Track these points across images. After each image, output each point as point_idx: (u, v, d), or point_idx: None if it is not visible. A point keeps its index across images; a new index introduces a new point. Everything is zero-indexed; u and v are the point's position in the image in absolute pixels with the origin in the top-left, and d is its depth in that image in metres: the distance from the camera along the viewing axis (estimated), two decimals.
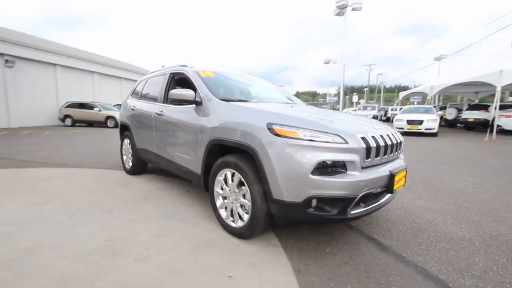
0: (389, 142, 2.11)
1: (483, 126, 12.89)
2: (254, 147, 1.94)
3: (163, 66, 3.91)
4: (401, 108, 20.09)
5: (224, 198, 2.36)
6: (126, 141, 4.28)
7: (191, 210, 2.82)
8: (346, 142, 1.81)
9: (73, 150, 6.72)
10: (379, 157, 1.99)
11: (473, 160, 5.91)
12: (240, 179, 2.11)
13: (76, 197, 3.14)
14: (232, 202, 2.24)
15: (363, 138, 1.89)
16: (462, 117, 14.26)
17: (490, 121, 10.91)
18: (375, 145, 1.93)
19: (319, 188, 1.75)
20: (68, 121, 16.06)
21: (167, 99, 3.34)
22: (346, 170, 1.81)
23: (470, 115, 13.62)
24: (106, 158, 5.63)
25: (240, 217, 2.18)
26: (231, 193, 2.24)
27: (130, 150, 4.16)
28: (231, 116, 2.25)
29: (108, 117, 15.42)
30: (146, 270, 1.77)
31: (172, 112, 3.01)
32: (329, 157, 1.77)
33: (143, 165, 4.14)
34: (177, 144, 2.89)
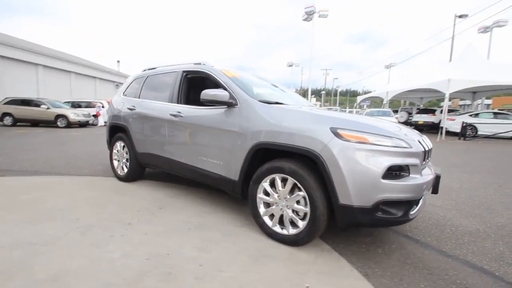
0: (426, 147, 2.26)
1: (431, 128, 14.68)
2: (317, 151, 1.90)
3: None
4: (357, 111, 21.77)
5: (268, 205, 2.27)
6: (119, 144, 3.84)
7: (218, 218, 2.65)
8: (410, 147, 1.88)
9: (36, 154, 5.80)
10: (428, 160, 2.12)
11: (440, 159, 6.66)
12: (295, 185, 2.05)
13: (78, 211, 2.72)
14: (281, 209, 2.16)
15: (419, 142, 1.99)
16: (413, 120, 16.02)
17: (438, 124, 12.46)
18: (428, 148, 2.05)
19: (388, 192, 1.80)
20: (8, 120, 13.84)
21: (181, 99, 3.09)
22: (409, 173, 1.88)
23: (420, 118, 15.37)
24: (82, 163, 4.98)
25: (293, 224, 2.12)
26: (280, 199, 2.16)
27: (126, 155, 3.75)
28: (282, 119, 2.17)
29: (59, 116, 13.70)
30: None
31: (196, 114, 2.79)
32: (398, 161, 1.83)
33: (141, 171, 3.77)
34: (203, 148, 2.69)
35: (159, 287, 1.61)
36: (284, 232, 2.16)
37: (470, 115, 13.14)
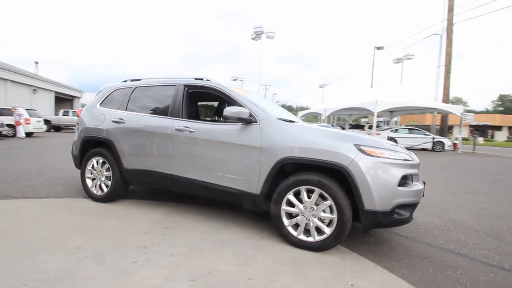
0: None
1: None
2: (346, 165, 2.18)
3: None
4: None
5: (290, 215, 2.43)
6: (96, 160, 3.44)
7: (234, 233, 2.67)
8: (412, 160, 2.33)
9: None
10: None
11: None
12: (321, 195, 2.28)
13: (70, 238, 2.36)
14: (307, 218, 2.35)
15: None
16: None
17: None
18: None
19: (402, 197, 2.19)
20: None
21: (184, 114, 3.03)
22: (412, 181, 2.33)
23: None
24: (31, 182, 4.19)
25: (319, 231, 2.33)
26: (306, 209, 2.35)
27: (106, 172, 3.39)
28: (307, 136, 2.39)
29: None
30: None
31: (210, 129, 2.78)
32: (407, 171, 2.25)
33: (124, 190, 3.45)
34: (219, 164, 2.69)
35: None
36: (310, 239, 2.34)
37: (391, 131, 15.80)
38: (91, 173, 3.51)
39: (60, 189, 4.00)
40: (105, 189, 3.39)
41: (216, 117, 4.13)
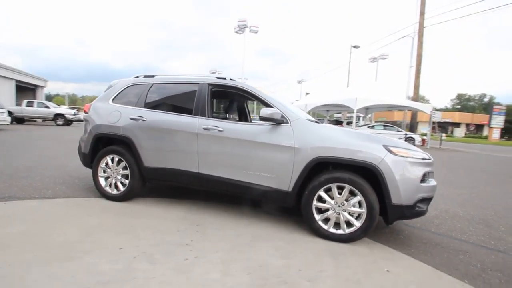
0: None
1: None
2: (376, 164, 2.40)
3: None
4: None
5: (320, 210, 2.62)
6: (111, 158, 3.36)
7: (264, 229, 2.80)
8: (430, 158, 2.62)
9: None
10: None
11: None
12: (351, 191, 2.49)
13: (106, 239, 2.34)
14: (338, 213, 2.55)
15: None
16: None
17: None
18: None
19: (423, 192, 2.47)
20: None
21: (210, 113, 3.07)
22: (429, 178, 2.61)
23: None
24: (29, 181, 3.94)
25: (349, 224, 2.54)
26: (336, 205, 2.55)
27: (122, 171, 3.32)
28: (340, 137, 2.58)
29: None
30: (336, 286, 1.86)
31: (241, 129, 2.87)
32: (427, 169, 2.52)
33: (142, 188, 3.41)
34: (250, 162, 2.78)
35: None
36: (340, 232, 2.55)
37: (368, 127, 16.71)
38: (104, 172, 3.42)
39: (64, 187, 3.83)
40: (122, 188, 3.33)
41: (227, 115, 4.18)
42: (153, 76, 3.58)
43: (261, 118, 2.67)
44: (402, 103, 16.34)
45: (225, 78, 3.24)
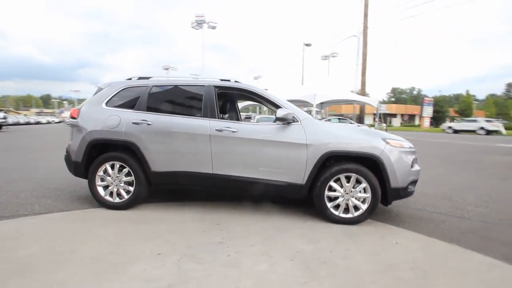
0: None
1: None
2: (378, 155, 2.80)
3: None
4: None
5: (330, 198, 2.94)
6: (110, 165, 3.20)
7: (281, 221, 3.01)
8: (414, 147, 3.13)
9: None
10: None
11: None
12: (359, 180, 2.86)
13: (138, 246, 2.32)
14: (347, 199, 2.90)
15: None
16: None
17: None
18: None
19: (412, 175, 2.96)
20: None
21: (219, 115, 3.15)
22: (415, 163, 3.12)
23: None
24: (7, 198, 3.48)
25: (356, 208, 2.91)
26: (345, 192, 2.90)
27: (126, 178, 3.20)
28: (346, 133, 2.93)
29: None
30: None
31: (253, 129, 3.03)
32: (414, 156, 3.02)
33: (147, 194, 3.33)
34: (265, 160, 2.96)
35: (331, 275, 2.01)
36: (349, 215, 2.92)
37: (325, 120, 17.98)
38: (103, 180, 3.24)
39: (50, 201, 3.50)
40: (126, 196, 3.21)
41: (222, 114, 4.25)
42: (148, 78, 3.49)
43: (277, 119, 2.88)
44: (356, 98, 17.94)
45: (229, 80, 3.34)
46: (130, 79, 3.53)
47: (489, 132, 24.08)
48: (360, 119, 22.22)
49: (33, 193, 3.83)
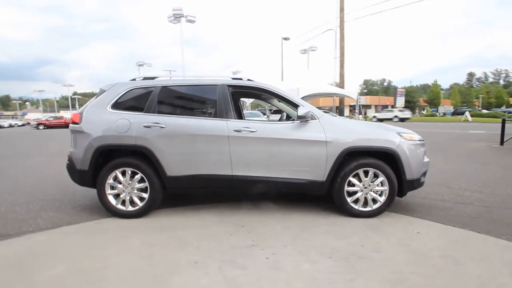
0: None
1: None
2: (395, 149, 2.91)
3: None
4: None
5: (349, 193, 3.02)
6: (121, 172, 3.03)
7: (302, 218, 3.05)
8: (423, 140, 3.28)
9: None
10: None
11: None
12: (376, 174, 2.96)
13: (172, 256, 2.25)
14: (366, 193, 2.99)
15: None
16: (269, 119, 19.98)
17: None
18: None
19: (424, 167, 3.12)
20: None
21: (235, 114, 3.09)
22: (424, 155, 3.28)
23: (275, 117, 19.50)
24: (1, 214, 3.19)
25: (374, 201, 3.01)
26: (364, 186, 2.99)
27: (139, 184, 3.05)
28: (363, 129, 3.01)
29: None
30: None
31: (273, 129, 3.02)
32: (424, 148, 3.17)
33: (162, 199, 3.20)
34: (286, 159, 2.96)
35: (371, 269, 2.07)
36: (368, 209, 3.01)
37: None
38: (113, 188, 3.07)
39: (53, 213, 3.26)
40: (140, 203, 3.07)
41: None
42: (153, 78, 3.33)
43: (299, 117, 2.89)
44: (337, 91, 18.41)
45: (241, 79, 3.27)
46: (134, 79, 3.35)
47: (402, 120, 28.89)
48: (340, 111, 22.89)
49: (28, 206, 3.54)
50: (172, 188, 3.12)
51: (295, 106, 3.10)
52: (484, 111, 38.15)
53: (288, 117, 4.05)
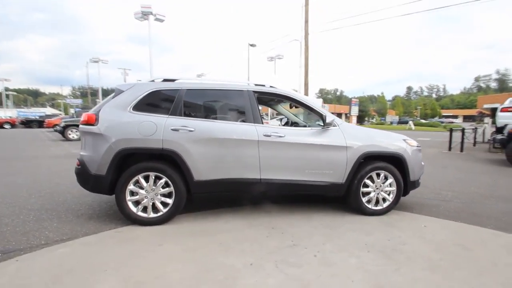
0: None
1: None
2: (402, 153, 3.31)
3: None
4: None
5: (363, 194, 3.33)
6: (144, 176, 2.90)
7: (325, 218, 3.26)
8: (420, 146, 3.76)
9: None
10: None
11: None
12: (386, 176, 3.32)
13: (222, 260, 2.25)
14: (378, 193, 3.33)
15: None
16: None
17: None
18: None
19: (422, 169, 3.59)
20: None
21: (262, 120, 3.20)
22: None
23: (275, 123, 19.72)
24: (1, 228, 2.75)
25: (384, 200, 3.37)
26: (376, 187, 3.33)
27: (163, 190, 2.95)
28: (376, 135, 3.35)
29: None
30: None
31: (299, 134, 3.19)
32: (421, 153, 3.65)
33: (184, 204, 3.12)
34: (311, 163, 3.14)
35: (408, 259, 2.36)
36: (379, 207, 3.36)
37: (276, 120, 18.88)
38: (134, 194, 2.91)
39: (57, 224, 2.96)
40: (163, 209, 2.95)
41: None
42: (173, 80, 3.26)
43: (326, 124, 3.13)
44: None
45: (264, 85, 3.39)
46: (153, 81, 3.23)
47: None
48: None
49: (20, 217, 3.13)
50: (198, 193, 3.07)
51: (317, 113, 3.32)
52: (422, 120, 43.69)
53: (292, 123, 4.29)
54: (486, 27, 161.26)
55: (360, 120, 46.31)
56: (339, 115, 61.62)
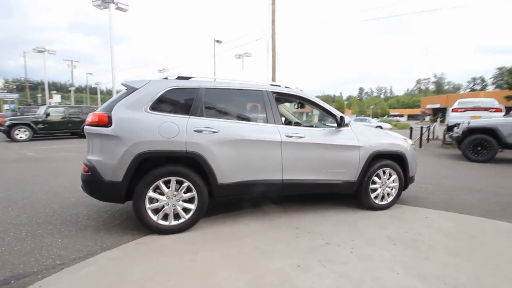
0: None
1: None
2: (404, 152, 3.61)
3: None
4: None
5: (371, 190, 3.56)
6: (164, 181, 2.72)
7: (342, 215, 3.40)
8: (414, 144, 4.14)
9: None
10: None
11: None
12: (390, 173, 3.59)
13: (266, 264, 2.23)
14: (384, 189, 3.59)
15: None
16: None
17: None
18: None
19: (418, 166, 3.96)
20: None
21: (282, 121, 3.21)
22: None
23: None
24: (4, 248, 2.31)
25: (389, 195, 3.64)
26: (382, 183, 3.58)
27: (185, 195, 2.79)
28: (382, 135, 3.61)
29: None
30: None
31: (317, 134, 3.28)
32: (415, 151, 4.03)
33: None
34: (328, 162, 3.25)
35: (430, 248, 2.60)
36: (384, 202, 3.62)
37: None
38: (153, 201, 2.71)
39: (62, 240, 2.62)
40: (185, 215, 2.80)
41: None
42: (188, 78, 3.10)
43: (344, 125, 3.28)
44: None
45: (279, 86, 3.41)
46: (166, 78, 3.03)
47: None
48: None
49: (19, 233, 2.68)
50: (220, 196, 2.97)
51: (330, 114, 3.44)
52: (375, 119, 47.70)
53: (295, 123, 4.38)
54: (428, 33, 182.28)
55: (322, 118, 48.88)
56: (300, 114, 64.38)
